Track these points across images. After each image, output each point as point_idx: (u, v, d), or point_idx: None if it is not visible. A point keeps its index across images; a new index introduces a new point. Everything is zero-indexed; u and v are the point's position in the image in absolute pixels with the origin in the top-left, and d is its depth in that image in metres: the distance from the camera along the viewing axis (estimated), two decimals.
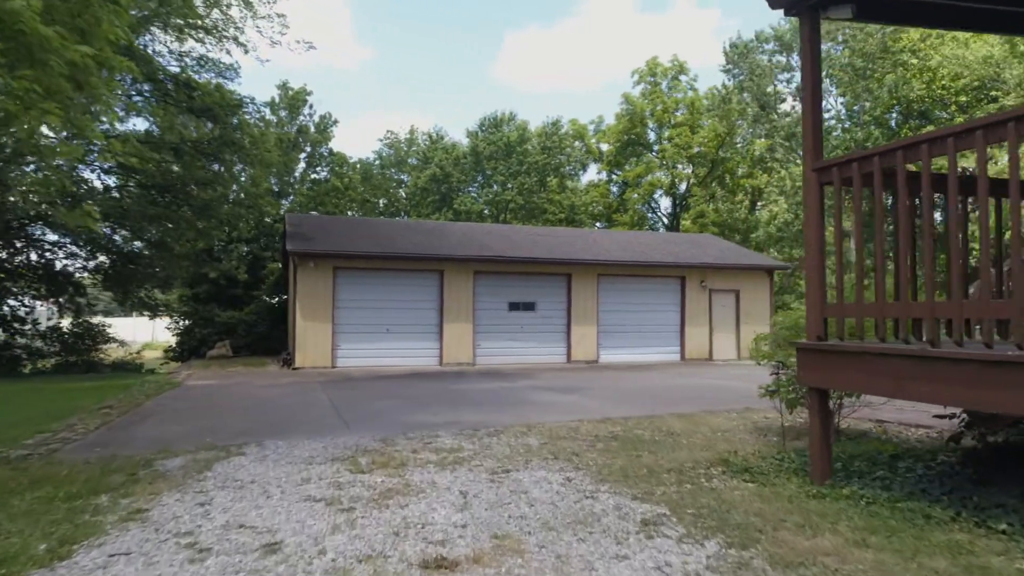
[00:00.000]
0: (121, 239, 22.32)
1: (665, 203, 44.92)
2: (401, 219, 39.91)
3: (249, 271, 24.87)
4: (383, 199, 41.32)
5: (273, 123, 31.79)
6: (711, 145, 39.66)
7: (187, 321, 25.04)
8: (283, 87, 34.72)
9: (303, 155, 35.04)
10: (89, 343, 22.87)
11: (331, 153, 35.93)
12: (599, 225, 44.06)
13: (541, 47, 77.82)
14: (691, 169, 42.18)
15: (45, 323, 23.28)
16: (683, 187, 43.06)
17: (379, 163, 45.21)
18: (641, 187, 42.13)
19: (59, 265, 22.52)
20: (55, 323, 23.31)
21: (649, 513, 4.39)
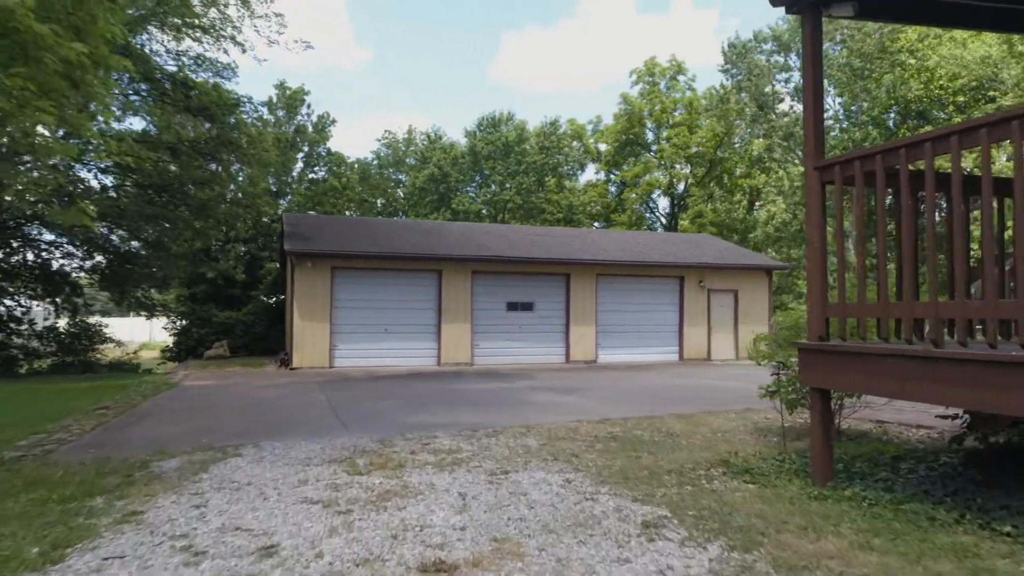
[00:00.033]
0: (118, 239, 22.24)
1: (663, 203, 45.01)
2: (399, 219, 39.83)
3: (247, 271, 24.79)
4: (381, 199, 41.26)
5: (271, 123, 31.74)
6: (709, 145, 39.67)
7: (184, 321, 24.94)
8: (281, 87, 34.63)
9: (301, 155, 34.95)
10: (86, 343, 22.80)
11: (329, 153, 35.84)
12: (597, 225, 44.03)
13: (541, 48, 77.95)
14: (689, 169, 42.19)
15: (41, 323, 23.23)
16: (681, 187, 43.07)
17: (377, 163, 45.16)
18: (639, 187, 42.14)
19: (56, 265, 22.43)
20: (51, 323, 23.25)
21: (650, 515, 4.34)
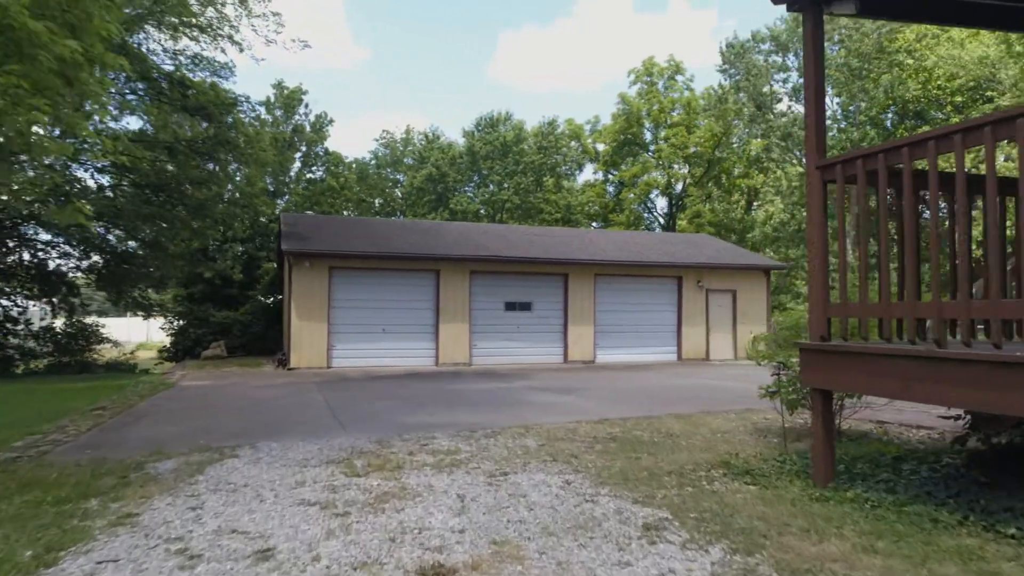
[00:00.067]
0: (115, 239, 22.14)
1: (661, 203, 44.99)
2: (397, 219, 39.77)
3: (244, 271, 24.72)
4: (379, 199, 41.18)
5: (268, 122, 31.62)
6: (707, 145, 39.65)
7: (182, 321, 24.85)
8: (278, 86, 34.51)
9: (298, 155, 34.85)
10: (83, 343, 22.71)
11: (327, 153, 35.72)
12: (595, 225, 44.00)
13: (539, 47, 77.78)
14: (687, 169, 42.17)
15: (38, 323, 23.08)
16: (679, 187, 43.05)
17: (375, 163, 45.07)
18: (637, 187, 42.11)
19: (52, 265, 22.35)
20: (48, 323, 23.10)
21: (651, 517, 4.30)
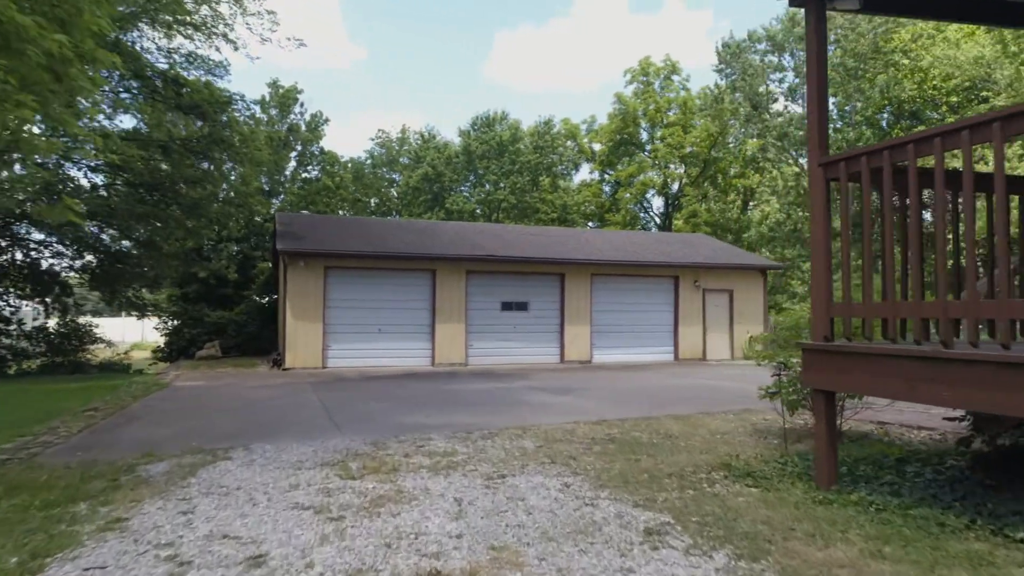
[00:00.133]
0: (108, 238, 21.96)
1: (657, 203, 44.94)
2: (393, 218, 39.63)
3: (239, 271, 24.56)
4: (374, 198, 41.03)
5: (263, 121, 31.45)
6: (703, 145, 39.62)
7: (176, 321, 24.67)
8: (273, 85, 34.38)
9: (294, 154, 34.74)
10: (76, 343, 22.49)
11: (322, 152, 35.60)
12: (591, 225, 43.94)
13: (535, 47, 77.69)
14: (683, 169, 42.12)
15: (31, 323, 22.89)
16: (675, 187, 43.00)
17: (371, 162, 44.91)
18: (633, 187, 42.04)
19: (45, 264, 22.13)
20: (41, 323, 22.91)
21: (652, 521, 4.22)
